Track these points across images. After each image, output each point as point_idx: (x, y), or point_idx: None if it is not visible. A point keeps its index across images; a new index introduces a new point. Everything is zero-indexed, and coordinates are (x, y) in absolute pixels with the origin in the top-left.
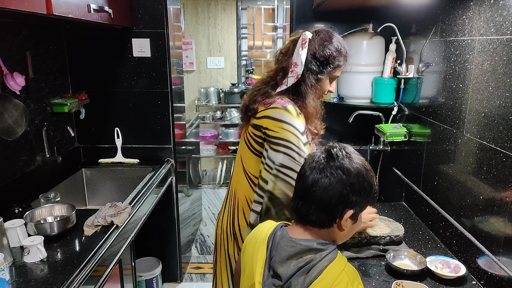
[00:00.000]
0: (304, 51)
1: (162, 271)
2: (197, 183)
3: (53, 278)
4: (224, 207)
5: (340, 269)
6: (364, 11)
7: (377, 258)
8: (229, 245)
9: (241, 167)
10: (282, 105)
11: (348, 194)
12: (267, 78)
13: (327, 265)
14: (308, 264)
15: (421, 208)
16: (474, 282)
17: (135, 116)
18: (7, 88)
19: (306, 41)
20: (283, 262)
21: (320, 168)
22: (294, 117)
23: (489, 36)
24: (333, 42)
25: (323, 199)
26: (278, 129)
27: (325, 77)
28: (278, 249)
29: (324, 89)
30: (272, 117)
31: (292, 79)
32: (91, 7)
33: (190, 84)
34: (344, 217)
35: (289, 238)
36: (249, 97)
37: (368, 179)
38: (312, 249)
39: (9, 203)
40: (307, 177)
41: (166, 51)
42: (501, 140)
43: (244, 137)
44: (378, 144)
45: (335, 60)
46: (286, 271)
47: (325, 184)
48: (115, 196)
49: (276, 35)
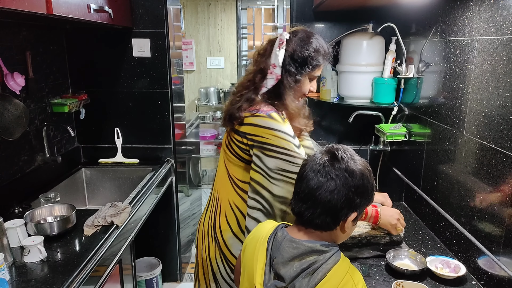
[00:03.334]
0: (282, 52)
1: (162, 271)
2: (197, 183)
3: (53, 278)
4: (206, 210)
5: (345, 271)
6: (364, 11)
7: (377, 258)
8: (210, 248)
9: (225, 170)
10: (266, 113)
11: (353, 197)
12: (246, 82)
13: (331, 267)
14: (311, 265)
15: (421, 208)
16: (474, 282)
17: (135, 116)
18: (7, 88)
19: (284, 41)
20: (285, 264)
21: (326, 170)
22: (281, 123)
23: (489, 36)
24: (312, 42)
25: (330, 202)
26: (270, 136)
27: (304, 78)
28: (280, 250)
29: (303, 89)
30: (259, 125)
31: (271, 81)
32: (91, 7)
33: (190, 84)
34: (348, 219)
35: (292, 239)
36: (231, 103)
37: (371, 181)
38: (315, 251)
39: (9, 203)
40: (311, 180)
41: (166, 51)
42: (501, 140)
43: (225, 140)
44: (378, 144)
45: (313, 60)
46: (289, 273)
47: (331, 187)
48: (115, 196)
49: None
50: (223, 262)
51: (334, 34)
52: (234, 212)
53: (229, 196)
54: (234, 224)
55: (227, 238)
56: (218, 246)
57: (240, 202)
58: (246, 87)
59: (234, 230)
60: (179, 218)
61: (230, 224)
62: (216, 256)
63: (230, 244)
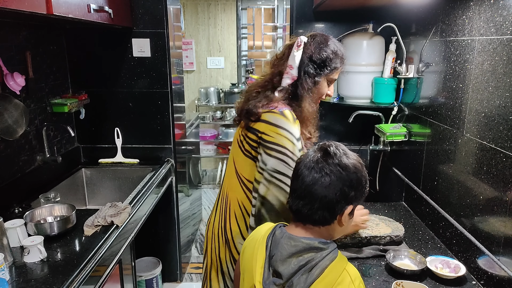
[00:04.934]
0: (299, 53)
1: (162, 271)
2: (197, 183)
3: (53, 278)
4: (216, 210)
5: (342, 268)
6: (364, 11)
7: (377, 258)
8: (220, 250)
9: (233, 169)
10: (279, 110)
11: (348, 190)
12: (263, 82)
13: (328, 264)
14: (309, 262)
15: (421, 208)
16: (474, 282)
17: (135, 116)
18: (7, 88)
19: (301, 44)
20: (284, 261)
21: (319, 167)
22: (291, 123)
23: (489, 36)
24: (329, 45)
25: (326, 197)
26: (274, 134)
27: (322, 80)
28: (279, 247)
29: (321, 92)
30: (268, 122)
31: (287, 80)
32: (91, 7)
33: (190, 84)
34: (345, 213)
35: (290, 236)
36: (247, 100)
37: (364, 174)
38: (313, 248)
39: (9, 203)
40: (306, 177)
41: (166, 51)
42: (501, 140)
43: (238, 138)
44: (378, 144)
45: (332, 62)
46: (287, 270)
47: (326, 182)
48: (115, 196)
49: (276, 35)
50: (233, 263)
51: (334, 34)
52: (243, 212)
53: (238, 196)
54: (242, 224)
55: (237, 239)
56: (228, 247)
57: (247, 202)
58: (263, 86)
59: (243, 231)
60: (179, 218)
61: (240, 225)
62: (226, 257)
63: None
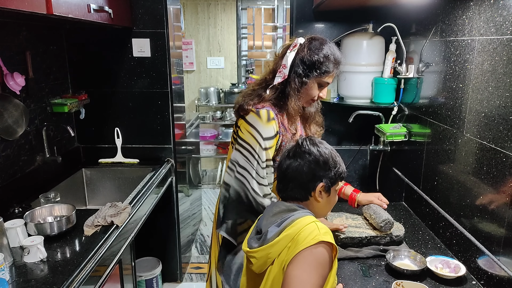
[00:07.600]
0: (292, 54)
1: (162, 271)
2: (197, 183)
3: (53, 278)
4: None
5: (311, 221)
6: (364, 11)
7: (377, 258)
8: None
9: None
10: (257, 109)
11: (315, 169)
12: (259, 81)
13: (299, 217)
14: (284, 218)
15: (421, 208)
16: (474, 282)
17: (135, 116)
18: (7, 88)
19: (297, 45)
20: (267, 220)
21: (291, 155)
22: (263, 122)
23: (489, 36)
24: (323, 49)
25: (296, 178)
26: (245, 131)
27: (311, 82)
28: (265, 213)
29: (310, 93)
30: (245, 119)
31: (279, 78)
32: (91, 7)
33: (190, 84)
34: (317, 189)
35: (277, 202)
36: (243, 97)
37: (332, 157)
38: (291, 209)
39: (9, 203)
40: (283, 165)
41: (166, 51)
42: (501, 140)
43: (232, 136)
44: (378, 144)
45: (322, 65)
46: (266, 225)
47: (295, 165)
48: (115, 196)
49: (276, 35)
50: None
51: (334, 34)
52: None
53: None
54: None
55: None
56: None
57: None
58: (259, 84)
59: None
60: (179, 218)
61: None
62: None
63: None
